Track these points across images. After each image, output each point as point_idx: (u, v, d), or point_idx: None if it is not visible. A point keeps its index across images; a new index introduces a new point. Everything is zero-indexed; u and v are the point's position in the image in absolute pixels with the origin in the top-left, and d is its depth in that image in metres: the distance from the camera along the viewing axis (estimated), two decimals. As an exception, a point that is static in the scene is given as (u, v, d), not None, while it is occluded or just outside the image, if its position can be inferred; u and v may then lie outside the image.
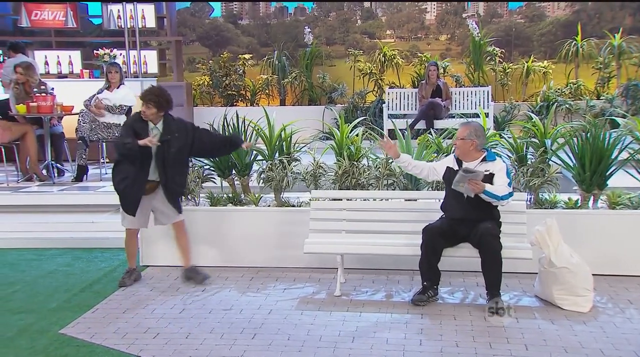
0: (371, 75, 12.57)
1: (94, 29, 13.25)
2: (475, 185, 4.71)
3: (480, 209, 4.83)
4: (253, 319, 4.75)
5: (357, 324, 4.63)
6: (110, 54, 10.59)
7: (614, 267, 5.48)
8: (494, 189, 4.76)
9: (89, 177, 8.49)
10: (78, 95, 8.84)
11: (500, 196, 4.77)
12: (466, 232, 4.86)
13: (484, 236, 4.72)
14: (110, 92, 8.47)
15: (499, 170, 4.85)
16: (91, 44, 12.50)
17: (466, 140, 4.89)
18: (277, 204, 6.15)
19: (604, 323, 4.56)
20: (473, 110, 11.00)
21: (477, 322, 4.60)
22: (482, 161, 4.91)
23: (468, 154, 4.92)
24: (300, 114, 9.67)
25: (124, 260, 6.20)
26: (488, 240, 4.72)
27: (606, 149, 5.63)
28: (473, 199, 4.83)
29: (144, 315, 4.87)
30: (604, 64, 11.96)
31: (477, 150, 4.92)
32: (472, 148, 4.90)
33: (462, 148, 4.92)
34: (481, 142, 4.94)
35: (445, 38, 13.87)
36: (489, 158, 4.92)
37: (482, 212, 4.82)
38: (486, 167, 4.87)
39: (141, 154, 5.17)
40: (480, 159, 4.92)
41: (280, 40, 13.36)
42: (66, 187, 8.04)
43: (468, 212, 4.86)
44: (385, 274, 5.66)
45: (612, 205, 5.70)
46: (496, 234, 4.79)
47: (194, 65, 14.38)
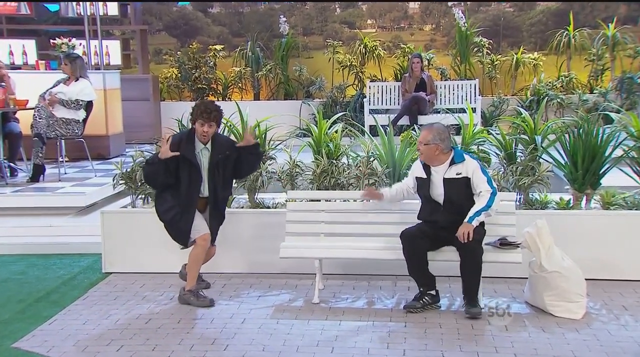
0: (351, 67, 12.59)
1: (50, 16, 13.09)
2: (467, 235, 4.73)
3: (460, 213, 4.86)
4: (225, 329, 4.73)
5: (336, 333, 4.63)
6: (69, 43, 10.46)
7: (608, 271, 5.55)
8: (478, 206, 4.80)
9: (46, 178, 8.39)
10: (33, 88, 8.75)
11: (487, 204, 4.80)
12: (447, 236, 4.90)
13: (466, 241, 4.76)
14: (66, 85, 8.38)
15: (473, 172, 4.88)
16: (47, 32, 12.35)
17: (430, 145, 4.90)
18: (251, 206, 6.14)
19: (598, 331, 4.61)
20: (459, 104, 11.08)
21: (464, 331, 4.63)
22: (450, 164, 4.93)
23: (434, 158, 4.94)
24: (275, 109, 9.65)
25: (84, 266, 6.16)
26: (471, 244, 4.76)
27: (599, 146, 5.70)
28: (452, 205, 4.89)
29: (106, 326, 4.82)
30: (597, 56, 12.12)
31: (443, 153, 4.94)
32: (438, 152, 4.92)
33: (427, 153, 4.94)
34: (446, 145, 4.94)
35: (429, 28, 13.94)
36: (457, 159, 4.93)
37: (462, 216, 4.85)
38: (457, 170, 4.89)
39: (189, 178, 4.98)
40: (448, 162, 4.94)
41: (254, 30, 13.31)
42: (21, 188, 7.94)
43: (446, 220, 4.90)
44: (367, 280, 5.67)
45: (606, 205, 5.77)
46: (478, 238, 4.83)
47: (160, 56, 14.29)
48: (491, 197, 4.81)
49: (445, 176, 4.91)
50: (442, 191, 4.91)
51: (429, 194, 4.97)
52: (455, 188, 4.89)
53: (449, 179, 4.89)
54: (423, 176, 5.00)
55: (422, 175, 5.01)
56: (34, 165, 8.25)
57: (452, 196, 4.89)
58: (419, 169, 5.07)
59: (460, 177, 4.88)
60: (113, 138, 10.29)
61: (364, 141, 6.36)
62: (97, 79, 9.74)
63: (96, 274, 5.99)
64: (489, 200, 4.80)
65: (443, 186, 4.90)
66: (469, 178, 4.87)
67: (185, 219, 5.04)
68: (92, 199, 7.64)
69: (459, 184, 4.88)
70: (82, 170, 9.09)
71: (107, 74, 10.30)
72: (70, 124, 8.36)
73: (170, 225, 5.10)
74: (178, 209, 5.03)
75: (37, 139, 8.19)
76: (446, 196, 4.90)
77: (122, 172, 6.14)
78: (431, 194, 4.96)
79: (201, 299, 5.15)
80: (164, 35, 14.47)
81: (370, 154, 6.03)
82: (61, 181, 8.23)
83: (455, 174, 4.89)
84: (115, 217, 6.12)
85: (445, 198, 4.91)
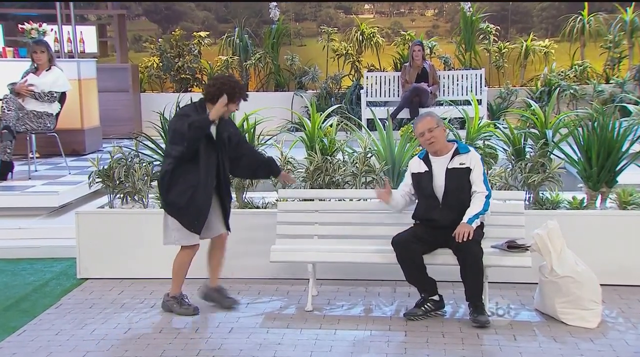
0: (347, 56, 12.61)
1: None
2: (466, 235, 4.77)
3: (459, 210, 4.91)
4: (211, 339, 4.73)
5: (331, 343, 4.64)
6: (39, 29, 10.42)
7: (625, 276, 5.57)
8: (475, 210, 4.87)
9: (15, 175, 8.36)
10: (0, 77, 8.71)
11: (484, 208, 4.88)
12: (443, 238, 4.93)
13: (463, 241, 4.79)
14: (37, 76, 8.33)
15: (475, 164, 5.00)
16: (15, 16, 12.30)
17: (440, 128, 5.03)
18: (239, 206, 6.14)
19: (614, 340, 4.63)
20: (464, 96, 11.12)
21: (469, 340, 4.64)
22: (454, 155, 5.01)
23: (444, 145, 5.05)
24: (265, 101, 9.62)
25: (57, 272, 6.14)
26: (467, 245, 4.79)
27: (616, 140, 5.72)
28: (451, 199, 4.94)
29: (81, 337, 4.81)
30: (614, 43, 12.15)
31: (446, 140, 5.10)
32: (446, 135, 5.10)
33: (440, 137, 5.02)
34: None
35: (431, 13, 13.97)
36: (462, 150, 5.05)
37: (460, 215, 4.89)
38: (461, 160, 4.99)
39: (207, 153, 4.96)
40: (452, 153, 5.03)
41: (242, 16, 13.32)
42: (-12, 187, 7.92)
43: (444, 218, 4.94)
44: (364, 286, 5.68)
45: (623, 205, 5.79)
46: (477, 238, 4.87)
47: (140, 44, 14.26)
48: (487, 200, 4.91)
49: (448, 166, 4.98)
50: (444, 183, 4.96)
51: (430, 187, 4.99)
52: (457, 179, 4.95)
53: (453, 169, 4.97)
54: (422, 170, 5.06)
55: (421, 170, 5.06)
56: (1, 162, 8.21)
57: (453, 189, 4.95)
58: (417, 164, 5.12)
59: (463, 167, 4.98)
60: (89, 132, 10.26)
61: (360, 136, 6.36)
62: (71, 68, 9.72)
63: (70, 280, 5.98)
64: (485, 203, 4.90)
65: (445, 177, 4.96)
66: (471, 169, 4.97)
67: (204, 197, 4.99)
68: (65, 198, 7.62)
69: (461, 174, 4.96)
70: (54, 167, 9.06)
71: (82, 63, 10.27)
72: (42, 117, 8.34)
73: (186, 208, 4.95)
74: (194, 189, 4.94)
75: (6, 133, 8.13)
76: (447, 188, 4.95)
77: (99, 169, 6.13)
78: (433, 186, 4.99)
79: (185, 306, 5.15)
80: (144, 20, 14.46)
81: (367, 150, 6.03)
82: (31, 179, 8.20)
83: (459, 164, 4.99)
84: (91, 218, 6.11)
85: (445, 191, 4.96)
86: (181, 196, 4.94)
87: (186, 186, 4.94)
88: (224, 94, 4.92)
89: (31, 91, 8.23)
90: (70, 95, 8.89)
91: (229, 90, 4.95)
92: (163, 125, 6.33)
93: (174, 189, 4.96)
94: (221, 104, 4.91)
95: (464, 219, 4.86)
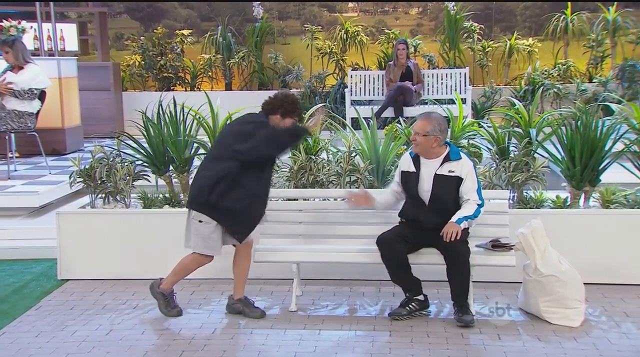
0: (331, 55, 12.62)
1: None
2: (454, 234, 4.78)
3: (444, 215, 4.91)
4: (194, 340, 4.72)
5: (315, 343, 4.64)
6: (18, 26, 10.34)
7: (608, 274, 5.61)
8: (465, 212, 4.87)
9: (-5, 175, 8.29)
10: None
11: (474, 214, 4.88)
12: (429, 238, 4.94)
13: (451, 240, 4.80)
14: (15, 74, 8.25)
15: (467, 174, 4.93)
16: (-7, 14, 12.17)
17: (429, 136, 4.91)
18: (222, 206, 6.12)
19: (597, 339, 4.67)
20: (448, 95, 11.16)
21: (453, 340, 4.66)
22: (445, 160, 4.96)
23: (430, 151, 4.97)
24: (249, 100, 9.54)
25: (37, 273, 6.10)
26: (455, 245, 4.80)
27: (599, 139, 5.76)
28: (438, 204, 4.93)
29: (62, 338, 4.78)
30: (596, 42, 12.25)
31: (439, 146, 4.98)
32: (436, 144, 4.95)
33: (424, 145, 4.95)
34: (444, 137, 5.01)
35: (416, 12, 14.01)
36: (453, 156, 4.97)
37: (447, 218, 4.89)
38: (451, 168, 4.93)
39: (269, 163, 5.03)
40: (442, 157, 4.97)
41: (225, 14, 13.28)
42: (-34, 187, 7.84)
43: (429, 221, 4.94)
44: (349, 286, 5.69)
45: (606, 203, 5.84)
46: (464, 237, 4.88)
47: (122, 42, 14.19)
48: (478, 209, 4.91)
49: (437, 172, 4.94)
50: (430, 188, 4.94)
51: (415, 189, 4.99)
52: (445, 187, 4.92)
53: (441, 175, 4.93)
54: (411, 170, 5.02)
55: (410, 169, 5.03)
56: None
57: (440, 195, 4.93)
58: (407, 162, 5.08)
59: (452, 176, 4.91)
60: (69, 132, 10.19)
61: (345, 135, 6.36)
62: (52, 67, 9.65)
63: (51, 282, 5.93)
64: (476, 210, 4.89)
65: (432, 182, 4.93)
66: (462, 179, 4.91)
67: (261, 209, 5.02)
68: (46, 198, 7.56)
69: (449, 182, 4.91)
70: (34, 167, 8.99)
71: (63, 61, 10.19)
72: (23, 116, 8.26)
73: (239, 214, 4.89)
74: (254, 198, 4.92)
75: (-14, 132, 8.07)
76: (433, 194, 4.93)
77: (80, 169, 6.09)
78: (418, 189, 4.98)
79: (170, 307, 5.11)
80: (126, 18, 14.37)
81: (352, 149, 6.03)
82: (11, 179, 8.12)
83: (447, 172, 4.92)
84: (72, 218, 6.07)
85: (432, 195, 4.94)
86: (239, 202, 4.85)
87: (247, 194, 4.86)
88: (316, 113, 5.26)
89: (10, 89, 8.15)
90: (50, 94, 8.82)
91: (290, 106, 5.01)
92: (145, 124, 6.30)
93: (231, 194, 4.82)
94: (317, 121, 5.24)
95: (452, 218, 4.85)
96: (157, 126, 6.27)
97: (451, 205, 4.94)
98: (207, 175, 4.91)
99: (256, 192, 4.92)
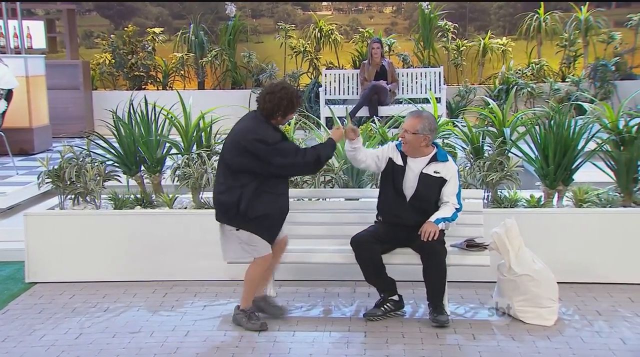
0: (305, 53, 12.61)
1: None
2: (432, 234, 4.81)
3: (423, 214, 4.94)
4: (166, 343, 4.69)
5: (290, 345, 4.64)
6: (-17, 24, 10.22)
7: (581, 273, 5.67)
8: (443, 214, 4.92)
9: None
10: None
11: (452, 217, 4.94)
12: (405, 236, 4.97)
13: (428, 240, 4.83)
14: None
15: (451, 177, 4.98)
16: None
17: (418, 135, 4.94)
18: (195, 206, 6.09)
19: (570, 338, 4.72)
20: (423, 94, 11.21)
21: (428, 340, 4.68)
22: (432, 160, 4.99)
23: (417, 150, 5.00)
24: (222, 99, 9.58)
25: (4, 276, 6.04)
26: (432, 245, 4.83)
27: (572, 138, 5.82)
28: (419, 202, 4.96)
29: (30, 343, 4.73)
30: (569, 41, 12.40)
31: (427, 146, 5.01)
32: (424, 144, 4.98)
33: (413, 143, 4.97)
34: (433, 137, 5.05)
35: (390, 10, 14.05)
36: (441, 158, 5.01)
37: (426, 217, 4.93)
38: (436, 168, 4.97)
39: None
40: (430, 157, 5.00)
41: (197, 12, 13.21)
42: None
43: (408, 217, 4.97)
44: (323, 286, 5.69)
45: (579, 203, 5.90)
46: (441, 238, 4.91)
47: (91, 40, 14.06)
48: (456, 212, 4.96)
49: (423, 171, 4.96)
50: (415, 185, 4.96)
51: (400, 184, 4.99)
52: (429, 186, 4.95)
53: (426, 175, 4.95)
54: (398, 163, 5.02)
55: (398, 161, 5.03)
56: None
57: (423, 193, 4.96)
58: (396, 154, 5.06)
59: (437, 176, 4.95)
60: (37, 131, 10.08)
61: (319, 135, 6.36)
62: (18, 65, 9.54)
63: (18, 285, 5.86)
64: (453, 214, 4.94)
65: (418, 180, 4.95)
66: (445, 180, 4.96)
67: (287, 204, 5.01)
68: (13, 200, 7.49)
69: (433, 183, 4.95)
70: (1, 167, 8.89)
71: (30, 59, 10.09)
72: (-10, 116, 8.17)
73: (272, 214, 4.88)
74: (282, 196, 4.94)
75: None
76: (417, 191, 4.96)
77: (49, 169, 6.03)
78: (403, 184, 4.99)
79: (253, 321, 4.92)
80: (95, 16, 14.24)
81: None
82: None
83: (433, 172, 4.95)
84: (40, 220, 6.00)
85: (415, 193, 4.96)
86: (270, 204, 4.85)
87: (276, 195, 4.88)
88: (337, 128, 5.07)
89: None
90: (17, 93, 8.73)
91: (288, 105, 4.91)
92: (116, 123, 6.25)
93: (260, 201, 4.79)
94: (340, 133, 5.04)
95: (431, 218, 4.88)
96: (128, 126, 6.23)
97: (431, 205, 4.98)
98: (231, 189, 4.84)
99: (283, 191, 4.97)
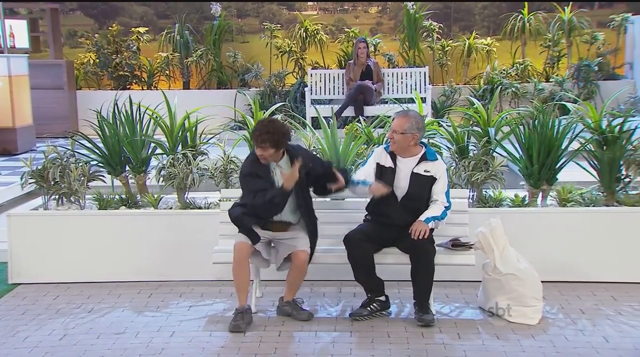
0: (291, 53, 12.61)
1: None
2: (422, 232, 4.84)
3: (414, 214, 4.97)
4: (151, 343, 4.68)
5: (275, 344, 4.64)
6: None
7: (565, 272, 5.72)
8: (433, 213, 4.95)
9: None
10: None
11: (441, 216, 4.97)
12: (394, 236, 4.99)
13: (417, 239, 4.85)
14: None
15: (441, 175, 5.02)
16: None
17: (407, 134, 4.96)
18: (181, 206, 6.09)
19: (554, 336, 4.76)
20: (408, 94, 11.24)
21: (414, 340, 4.70)
22: (421, 159, 5.02)
23: (406, 149, 5.02)
24: (207, 99, 9.58)
25: (-11, 278, 5.99)
26: (422, 244, 4.86)
27: (555, 138, 5.87)
28: (410, 202, 4.98)
29: (13, 344, 4.71)
30: (553, 42, 12.49)
31: (415, 145, 5.03)
32: (413, 143, 5.00)
33: (401, 143, 4.99)
34: (421, 135, 5.08)
35: (375, 10, 14.08)
36: (430, 157, 5.04)
37: (415, 217, 4.95)
38: (426, 167, 5.00)
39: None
40: (419, 156, 5.03)
41: (182, 11, 13.18)
42: None
43: (399, 218, 4.99)
44: (309, 286, 5.69)
45: (563, 202, 5.95)
46: (430, 237, 4.94)
47: (75, 39, 13.98)
48: (445, 210, 4.99)
49: (414, 170, 4.98)
50: (406, 185, 4.98)
51: (391, 185, 5.00)
52: (421, 185, 4.98)
53: (417, 174, 4.98)
54: (387, 165, 5.04)
55: (387, 164, 5.04)
56: None
57: (415, 193, 4.98)
58: (384, 156, 5.08)
59: (427, 175, 4.98)
60: (21, 131, 10.02)
61: (305, 134, 6.37)
62: (1, 64, 9.51)
63: (1, 286, 5.83)
64: (443, 212, 4.97)
65: (409, 180, 4.98)
66: (435, 179, 4.99)
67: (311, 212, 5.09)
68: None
69: (424, 182, 4.98)
70: (-15, 168, 8.83)
71: (13, 59, 10.03)
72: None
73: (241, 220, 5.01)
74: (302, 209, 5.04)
75: None
76: (409, 191, 4.98)
77: (32, 169, 6.00)
78: (394, 185, 5.00)
79: (301, 310, 5.08)
80: (79, 15, 14.16)
81: (312, 149, 6.04)
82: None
83: (423, 171, 4.98)
84: (24, 220, 5.97)
85: (407, 193, 4.98)
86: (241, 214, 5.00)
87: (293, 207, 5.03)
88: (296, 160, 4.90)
89: None
90: (0, 93, 8.66)
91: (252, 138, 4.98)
92: (100, 123, 6.23)
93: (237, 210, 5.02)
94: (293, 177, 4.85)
95: (421, 217, 4.91)
96: (113, 126, 6.21)
97: (423, 204, 5.00)
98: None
99: (302, 203, 5.01)
